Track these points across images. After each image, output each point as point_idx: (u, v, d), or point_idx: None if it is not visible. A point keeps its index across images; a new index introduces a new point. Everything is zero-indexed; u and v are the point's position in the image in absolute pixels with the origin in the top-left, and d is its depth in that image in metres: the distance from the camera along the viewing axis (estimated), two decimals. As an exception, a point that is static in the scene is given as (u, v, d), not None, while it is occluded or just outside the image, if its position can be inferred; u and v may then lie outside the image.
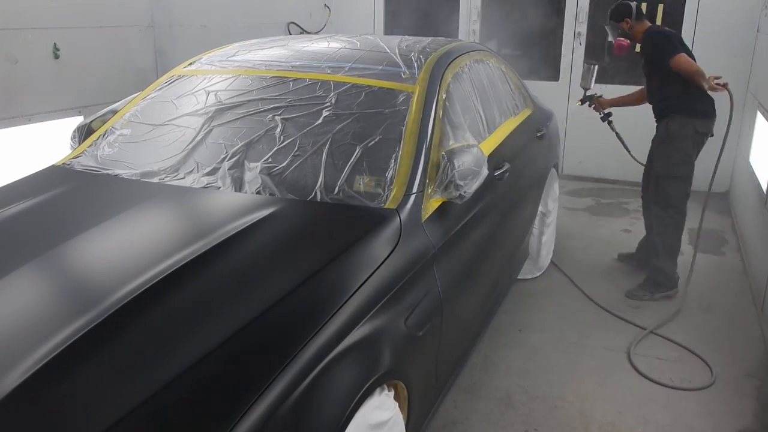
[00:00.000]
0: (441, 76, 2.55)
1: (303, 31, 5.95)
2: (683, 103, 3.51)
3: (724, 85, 3.38)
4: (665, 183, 3.59)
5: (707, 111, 3.54)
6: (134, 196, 2.18)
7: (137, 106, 2.71)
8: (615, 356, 3.07)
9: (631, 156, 4.03)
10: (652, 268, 3.69)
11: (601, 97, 4.07)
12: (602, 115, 4.07)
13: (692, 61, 3.43)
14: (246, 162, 2.26)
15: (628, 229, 4.71)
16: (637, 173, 4.07)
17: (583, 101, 4.11)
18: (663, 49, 3.49)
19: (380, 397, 1.66)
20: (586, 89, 4.04)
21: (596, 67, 3.94)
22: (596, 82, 3.98)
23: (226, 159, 2.28)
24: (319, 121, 2.35)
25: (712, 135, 3.61)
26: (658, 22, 5.49)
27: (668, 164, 3.57)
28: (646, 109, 3.79)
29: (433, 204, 2.17)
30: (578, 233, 4.69)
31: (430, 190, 2.16)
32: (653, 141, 3.73)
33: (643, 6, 5.48)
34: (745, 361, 3.03)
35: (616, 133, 4.05)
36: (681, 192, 3.57)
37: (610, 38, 3.88)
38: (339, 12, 6.42)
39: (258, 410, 1.31)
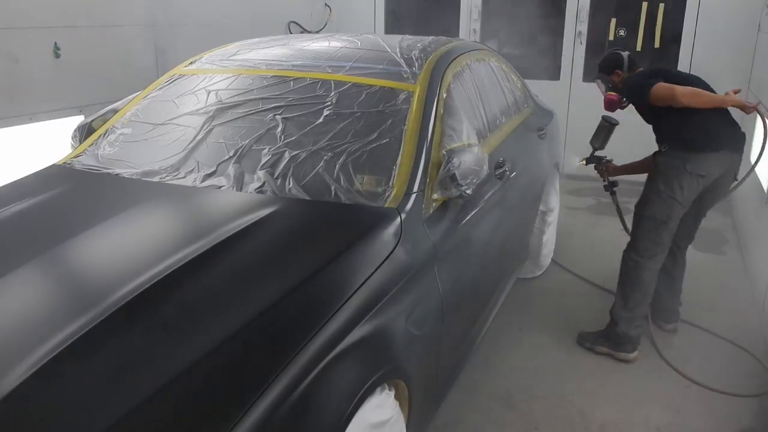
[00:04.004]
0: (442, 75, 2.55)
1: (304, 31, 5.95)
2: (674, 133, 2.98)
3: (755, 107, 2.95)
4: (635, 220, 3.07)
5: (703, 143, 2.88)
6: (135, 196, 2.18)
7: (138, 105, 2.71)
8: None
9: (626, 229, 3.35)
10: (610, 317, 3.10)
11: (611, 162, 3.49)
12: (606, 182, 3.50)
13: (672, 85, 2.91)
14: (247, 161, 2.26)
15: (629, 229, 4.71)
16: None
17: (588, 161, 3.54)
18: (641, 89, 3.02)
19: (381, 396, 1.66)
20: (595, 148, 3.47)
21: (615, 127, 3.38)
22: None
23: (227, 158, 2.28)
24: (320, 120, 2.34)
25: (735, 179, 3.05)
26: (659, 22, 5.49)
27: (644, 200, 3.02)
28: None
29: (433, 203, 2.17)
30: (579, 232, 4.70)
31: (430, 190, 2.16)
32: None
33: (643, 6, 5.52)
34: (745, 361, 3.03)
35: (617, 205, 3.52)
36: (650, 237, 2.97)
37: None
38: (340, 11, 6.42)
39: (259, 409, 1.31)
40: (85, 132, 2.71)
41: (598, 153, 3.48)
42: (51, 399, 1.31)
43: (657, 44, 5.55)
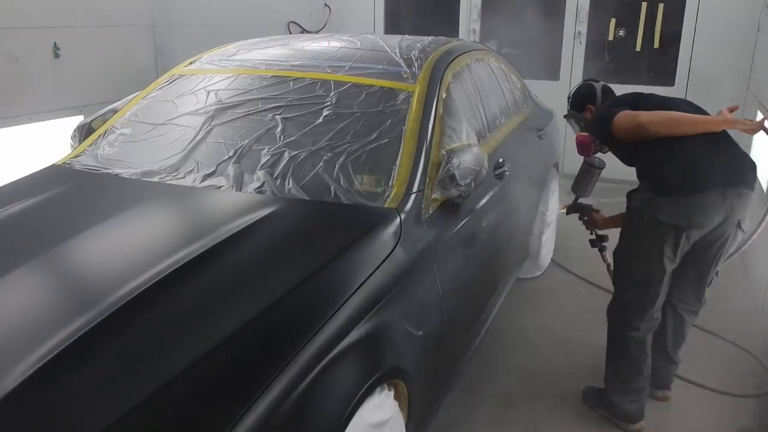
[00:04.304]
0: (441, 75, 2.55)
1: (303, 31, 5.95)
2: (647, 169, 2.40)
3: (761, 124, 2.34)
4: (615, 270, 2.54)
5: (680, 182, 2.25)
6: (134, 196, 2.18)
7: (137, 105, 2.71)
8: (615, 356, 3.07)
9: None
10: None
11: (598, 212, 2.88)
12: (593, 236, 2.92)
13: (636, 112, 2.37)
14: (246, 161, 2.26)
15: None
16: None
17: (570, 210, 2.97)
18: (603, 121, 2.47)
19: (380, 396, 1.66)
20: (578, 196, 2.92)
21: (600, 172, 2.81)
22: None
23: (227, 158, 2.28)
24: (320, 120, 2.34)
25: (740, 228, 2.34)
26: (658, 22, 5.49)
27: (618, 251, 2.48)
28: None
29: (433, 203, 2.17)
30: (578, 233, 4.67)
31: (430, 190, 2.16)
32: None
33: (643, 6, 5.52)
34: (745, 361, 3.03)
35: (608, 264, 2.87)
36: (631, 303, 2.42)
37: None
38: (339, 11, 6.42)
39: (258, 409, 1.31)
40: (84, 132, 2.71)
41: (583, 200, 2.95)
42: (51, 399, 1.31)
43: (656, 44, 5.55)
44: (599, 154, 2.74)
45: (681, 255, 2.33)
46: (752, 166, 2.36)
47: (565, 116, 2.91)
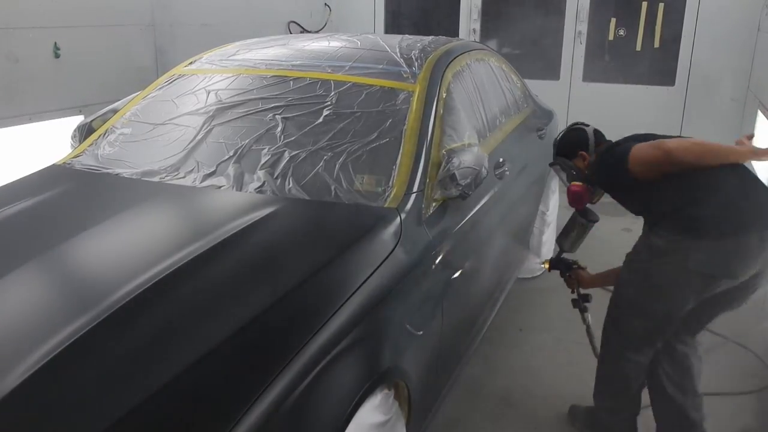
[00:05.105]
0: (441, 75, 2.55)
1: (303, 30, 5.95)
2: (676, 210, 2.08)
3: None
4: (616, 310, 2.33)
5: (720, 224, 1.99)
6: (135, 196, 2.18)
7: (138, 105, 2.71)
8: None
9: (595, 354, 2.59)
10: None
11: (584, 269, 2.67)
12: (576, 296, 2.68)
13: (659, 141, 2.11)
14: (246, 161, 2.25)
15: (629, 228, 4.70)
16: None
17: (553, 266, 2.73)
18: (619, 160, 2.17)
19: (380, 396, 1.66)
20: (563, 250, 2.71)
21: (593, 226, 2.61)
22: None
23: (227, 158, 2.28)
24: (320, 120, 2.34)
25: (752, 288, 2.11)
26: (659, 21, 5.49)
27: (619, 290, 2.29)
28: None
29: (433, 203, 2.17)
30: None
31: (430, 189, 2.16)
32: None
33: (643, 6, 5.52)
34: (745, 361, 3.03)
35: (587, 326, 2.69)
36: (632, 327, 2.23)
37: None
38: (339, 11, 6.42)
39: (258, 409, 1.31)
40: (85, 132, 2.71)
41: (566, 255, 2.72)
42: (51, 399, 1.31)
43: (657, 44, 5.55)
44: (590, 206, 2.55)
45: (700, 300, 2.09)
46: None
47: (551, 164, 2.61)
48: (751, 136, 2.24)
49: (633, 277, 2.23)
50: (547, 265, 2.76)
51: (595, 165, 2.37)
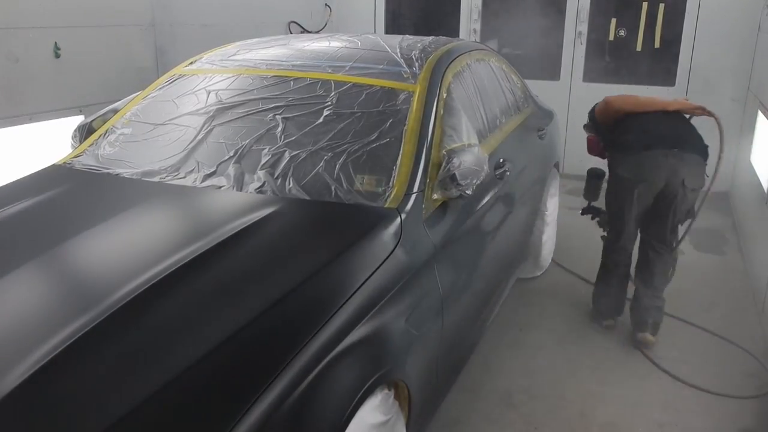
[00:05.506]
0: (442, 75, 2.55)
1: (304, 31, 5.95)
2: (617, 138, 3.17)
3: (702, 108, 3.14)
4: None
5: (632, 143, 3.00)
6: (135, 196, 2.18)
7: (138, 105, 2.71)
8: (616, 356, 3.07)
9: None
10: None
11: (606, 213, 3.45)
12: (604, 226, 3.44)
13: (605, 97, 3.28)
14: (247, 161, 2.26)
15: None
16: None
17: (584, 212, 3.54)
18: (591, 114, 3.41)
19: (381, 396, 1.66)
20: (589, 201, 3.55)
21: (604, 178, 3.42)
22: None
23: (227, 158, 2.28)
24: (320, 120, 2.34)
25: (684, 185, 2.87)
26: (659, 22, 5.49)
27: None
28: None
29: (434, 203, 2.17)
30: (578, 232, 4.69)
31: (430, 190, 2.16)
32: None
33: (643, 6, 5.52)
34: (745, 361, 3.03)
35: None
36: (609, 232, 3.26)
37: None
38: (340, 11, 6.42)
39: (258, 410, 1.31)
40: (85, 132, 2.71)
41: (595, 204, 3.51)
42: (51, 399, 1.31)
43: (657, 44, 5.55)
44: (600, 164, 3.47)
45: (642, 205, 2.98)
46: (698, 138, 3.01)
47: (584, 125, 3.58)
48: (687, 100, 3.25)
49: (606, 190, 3.24)
50: (582, 212, 3.56)
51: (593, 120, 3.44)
